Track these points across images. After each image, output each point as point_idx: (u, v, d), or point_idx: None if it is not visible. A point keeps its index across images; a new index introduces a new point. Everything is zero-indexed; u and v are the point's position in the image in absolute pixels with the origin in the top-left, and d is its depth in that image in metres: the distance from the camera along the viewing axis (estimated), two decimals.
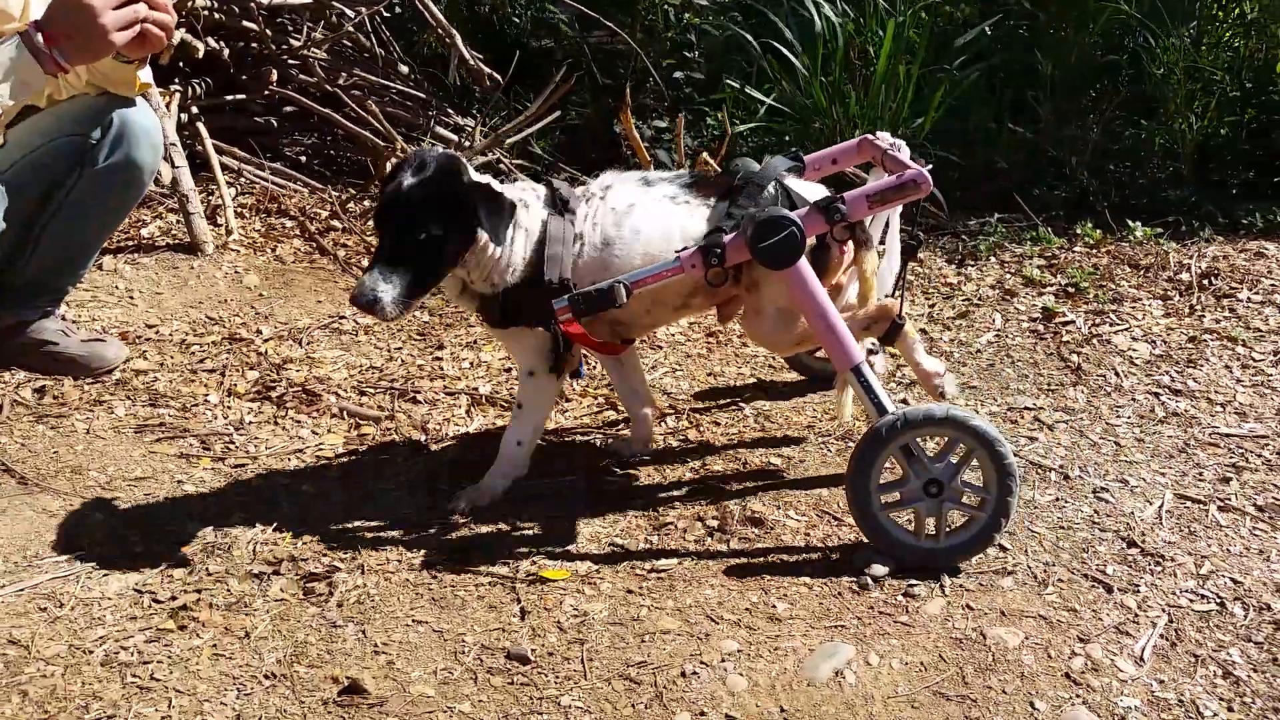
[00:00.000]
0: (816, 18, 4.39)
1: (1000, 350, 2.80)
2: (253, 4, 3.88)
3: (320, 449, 2.35)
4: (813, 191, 2.08)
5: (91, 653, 1.70)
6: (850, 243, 2.03)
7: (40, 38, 1.97)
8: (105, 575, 1.90)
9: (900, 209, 2.16)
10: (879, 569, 1.91)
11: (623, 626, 1.79)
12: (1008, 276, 3.25)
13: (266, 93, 4.04)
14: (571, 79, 4.17)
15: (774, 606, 1.84)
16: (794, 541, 2.03)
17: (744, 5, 5.01)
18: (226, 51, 3.96)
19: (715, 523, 2.08)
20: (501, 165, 4.46)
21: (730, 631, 1.78)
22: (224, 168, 3.70)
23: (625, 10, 5.17)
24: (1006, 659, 1.73)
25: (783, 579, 1.92)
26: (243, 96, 4.04)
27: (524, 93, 4.68)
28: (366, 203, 3.80)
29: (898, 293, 2.16)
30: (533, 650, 1.73)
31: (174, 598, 1.85)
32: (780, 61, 4.36)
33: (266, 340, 2.76)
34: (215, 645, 1.74)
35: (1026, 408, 2.51)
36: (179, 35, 3.61)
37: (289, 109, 4.25)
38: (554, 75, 4.21)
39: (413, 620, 1.81)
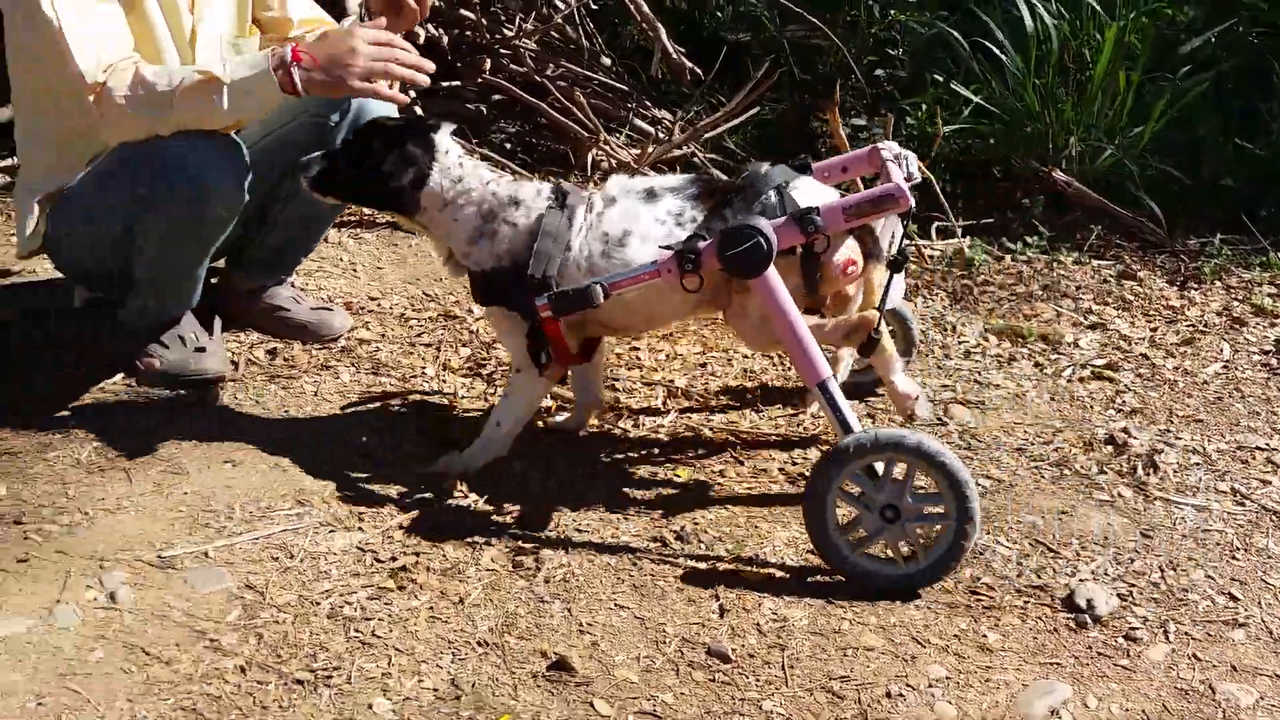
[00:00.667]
0: (1029, 18, 4.22)
1: (1229, 383, 2.63)
2: None
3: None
4: (821, 198, 1.99)
5: (319, 604, 1.81)
6: (860, 254, 2.00)
7: (289, 51, 2.08)
8: (331, 531, 2.01)
9: (901, 222, 2.06)
10: (1100, 608, 1.82)
11: (824, 637, 1.78)
12: (1235, 303, 3.04)
13: (479, 81, 4.18)
14: (774, 74, 4.15)
15: (984, 636, 1.79)
16: (1004, 570, 1.96)
17: (951, 2, 4.87)
18: (445, 39, 4.12)
19: (922, 541, 2.03)
20: (696, 159, 4.48)
21: (938, 657, 1.74)
22: None
23: (827, 5, 5.10)
24: (1239, 718, 1.62)
25: (993, 608, 1.86)
26: (457, 84, 4.19)
27: (718, 86, 4.68)
28: None
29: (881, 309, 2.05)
30: (733, 649, 1.74)
31: (394, 558, 1.94)
32: (989, 61, 4.22)
33: (478, 319, 2.87)
34: (432, 608, 1.82)
35: (1258, 447, 2.35)
36: None
37: (497, 97, 4.38)
38: (751, 69, 4.20)
39: (615, 604, 1.84)
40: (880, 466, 1.85)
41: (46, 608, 1.74)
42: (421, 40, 3.93)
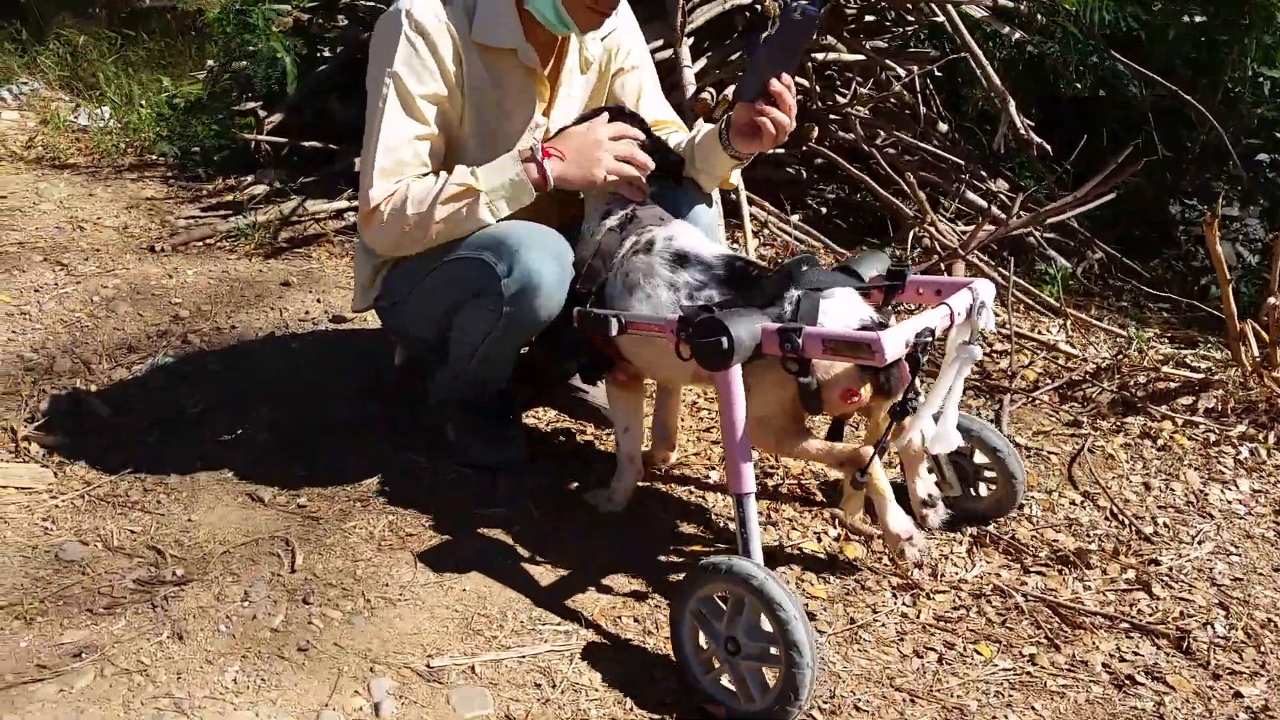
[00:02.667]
0: None
1: None
2: (809, 62, 3.87)
3: (799, 550, 2.24)
4: (847, 316, 1.90)
5: None
6: (868, 386, 1.91)
7: (539, 147, 2.10)
8: (596, 661, 1.92)
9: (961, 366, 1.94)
10: None
11: None
12: None
13: (803, 149, 4.03)
14: (1139, 162, 3.69)
15: None
16: None
17: None
18: None
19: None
20: (1032, 239, 4.11)
21: None
22: (752, 218, 3.74)
23: (1205, 75, 4.52)
24: None
25: None
26: (781, 151, 4.06)
27: (1059, 148, 4.24)
28: None
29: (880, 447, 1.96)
30: None
31: (660, 703, 1.83)
32: None
33: None
34: None
35: None
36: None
37: (819, 161, 4.22)
38: (1106, 140, 3.74)
39: None
40: (726, 598, 1.81)
41: (315, 711, 1.76)
42: None
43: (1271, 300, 2.81)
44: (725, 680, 1.83)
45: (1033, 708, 1.86)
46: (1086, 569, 2.25)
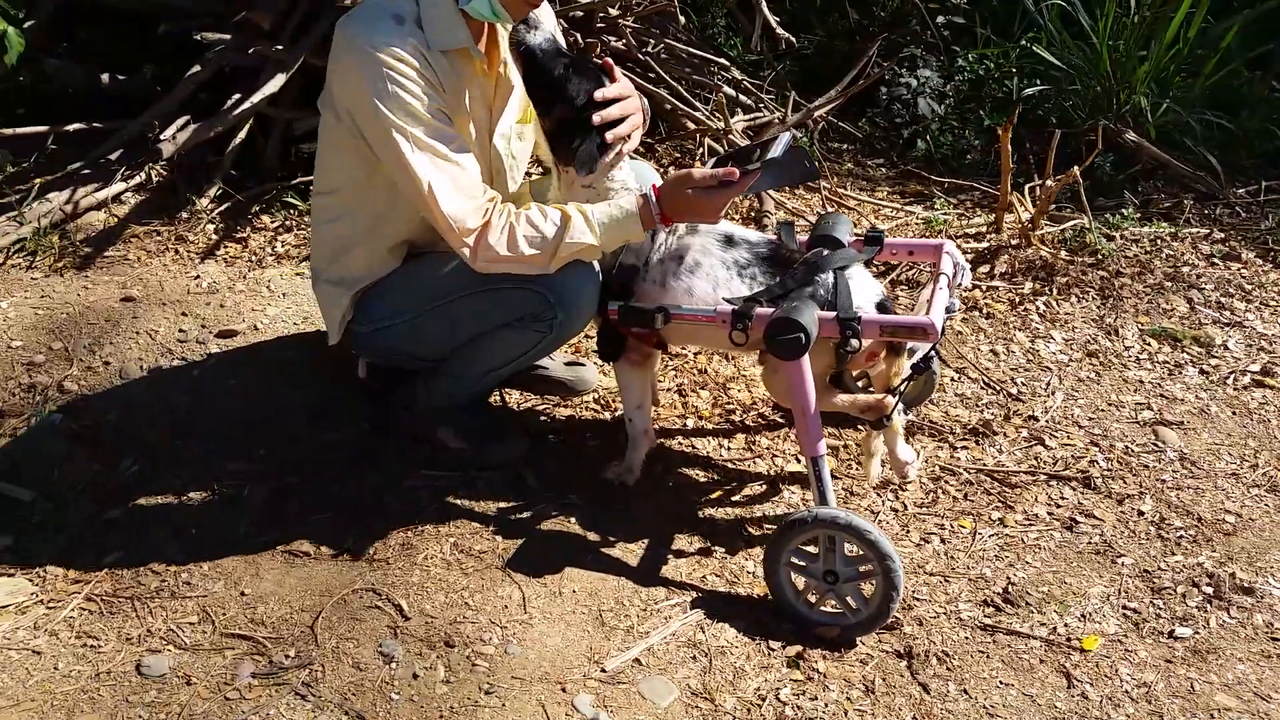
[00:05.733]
0: None
1: None
2: None
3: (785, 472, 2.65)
4: (868, 292, 2.29)
5: (759, 705, 2.04)
6: (885, 349, 2.34)
7: (658, 215, 2.23)
8: (720, 621, 2.22)
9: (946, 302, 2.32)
10: None
11: (1184, 700, 2.11)
12: None
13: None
14: (879, 70, 4.24)
15: None
16: None
17: None
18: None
19: (1209, 589, 2.37)
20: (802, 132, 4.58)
21: None
22: None
23: None
24: None
25: None
26: None
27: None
28: None
29: (897, 394, 2.38)
30: None
31: (784, 645, 2.18)
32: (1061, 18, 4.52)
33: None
34: (849, 699, 2.07)
35: None
36: None
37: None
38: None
39: (1000, 682, 2.13)
40: (818, 540, 2.16)
41: None
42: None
43: (1048, 183, 3.54)
44: (828, 605, 2.23)
45: (1028, 562, 2.45)
46: (992, 435, 2.86)
